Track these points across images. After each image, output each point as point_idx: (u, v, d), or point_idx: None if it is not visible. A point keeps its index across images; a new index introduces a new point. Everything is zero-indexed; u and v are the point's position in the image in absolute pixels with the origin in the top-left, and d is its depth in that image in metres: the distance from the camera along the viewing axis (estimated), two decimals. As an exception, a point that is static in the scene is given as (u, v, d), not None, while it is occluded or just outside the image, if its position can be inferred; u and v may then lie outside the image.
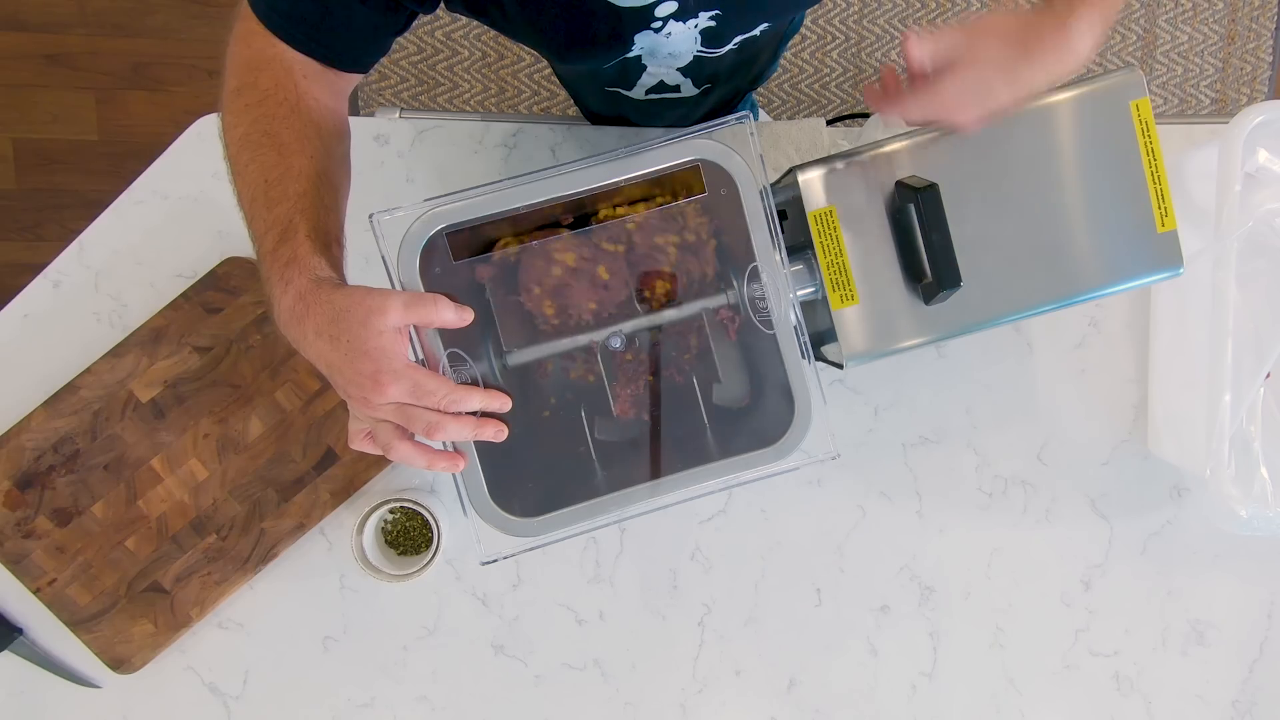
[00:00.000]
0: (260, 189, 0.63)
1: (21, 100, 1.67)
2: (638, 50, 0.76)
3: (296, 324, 0.60)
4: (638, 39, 0.74)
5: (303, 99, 0.66)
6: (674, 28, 0.73)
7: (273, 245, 0.61)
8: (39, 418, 0.90)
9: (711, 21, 0.73)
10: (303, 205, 0.62)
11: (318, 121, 0.67)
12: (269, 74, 0.66)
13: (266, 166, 0.63)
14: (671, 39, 0.75)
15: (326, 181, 0.65)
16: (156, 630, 0.91)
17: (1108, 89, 0.72)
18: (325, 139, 0.67)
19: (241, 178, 0.64)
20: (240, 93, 0.66)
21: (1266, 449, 0.85)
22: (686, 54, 0.79)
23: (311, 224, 0.62)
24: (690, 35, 0.75)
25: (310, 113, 0.66)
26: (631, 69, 0.81)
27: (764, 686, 0.96)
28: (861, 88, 0.72)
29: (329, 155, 0.67)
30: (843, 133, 0.98)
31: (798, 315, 0.69)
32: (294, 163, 0.63)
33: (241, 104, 0.65)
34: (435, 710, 0.94)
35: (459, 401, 0.61)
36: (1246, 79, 1.77)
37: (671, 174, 0.69)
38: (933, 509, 0.96)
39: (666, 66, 0.81)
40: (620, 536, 0.95)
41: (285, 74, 0.66)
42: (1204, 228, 0.84)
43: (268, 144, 0.64)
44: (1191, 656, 0.97)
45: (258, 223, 0.63)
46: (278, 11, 0.66)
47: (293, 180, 0.63)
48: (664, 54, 0.78)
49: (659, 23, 0.72)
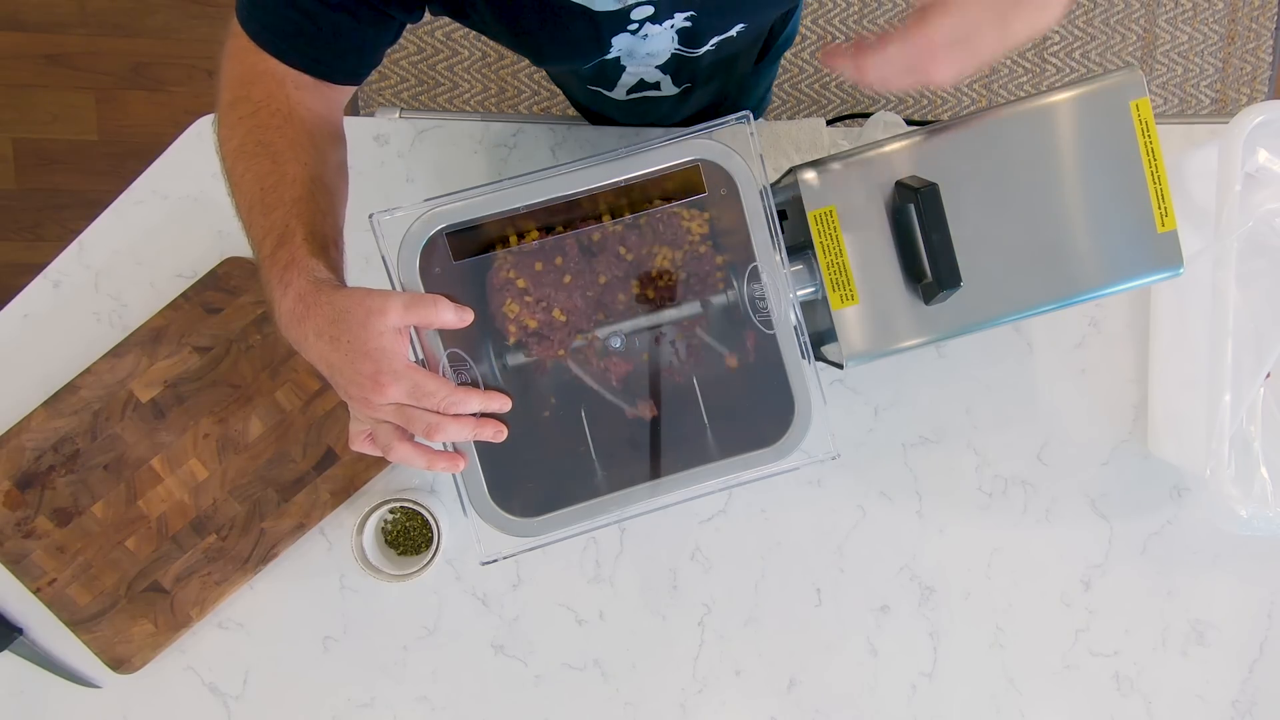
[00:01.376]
0: (256, 196, 0.64)
1: (21, 100, 1.68)
2: (616, 52, 0.76)
3: (297, 325, 0.60)
4: (615, 41, 0.74)
5: (295, 109, 0.67)
6: (650, 29, 0.73)
7: (270, 250, 0.62)
8: (39, 418, 0.90)
9: (687, 22, 0.73)
10: (298, 210, 0.63)
11: (311, 130, 0.67)
12: (261, 87, 0.67)
13: (261, 174, 0.64)
14: (649, 40, 0.75)
15: (321, 186, 0.65)
16: (156, 630, 0.91)
17: (1108, 89, 0.72)
18: (319, 146, 0.67)
19: (238, 188, 0.65)
20: (234, 106, 0.67)
21: (1266, 449, 0.85)
22: (664, 53, 0.79)
23: (308, 228, 0.62)
24: (667, 35, 0.75)
25: (303, 121, 0.67)
26: (610, 69, 0.82)
27: (764, 686, 0.96)
28: (819, 53, 0.68)
29: (323, 161, 0.67)
30: (843, 133, 0.98)
31: (798, 315, 0.69)
32: (288, 170, 0.64)
33: (235, 116, 0.66)
34: (435, 710, 0.94)
35: (458, 403, 0.61)
36: (1246, 79, 1.77)
37: (671, 174, 0.69)
38: (933, 509, 0.96)
39: (645, 65, 0.82)
40: (620, 536, 0.95)
41: (277, 86, 0.67)
42: (1204, 228, 0.84)
43: (262, 153, 0.65)
44: (1191, 656, 0.97)
45: (255, 229, 0.63)
46: (267, 28, 0.66)
47: (287, 186, 0.63)
48: (642, 54, 0.78)
49: (635, 25, 0.72)
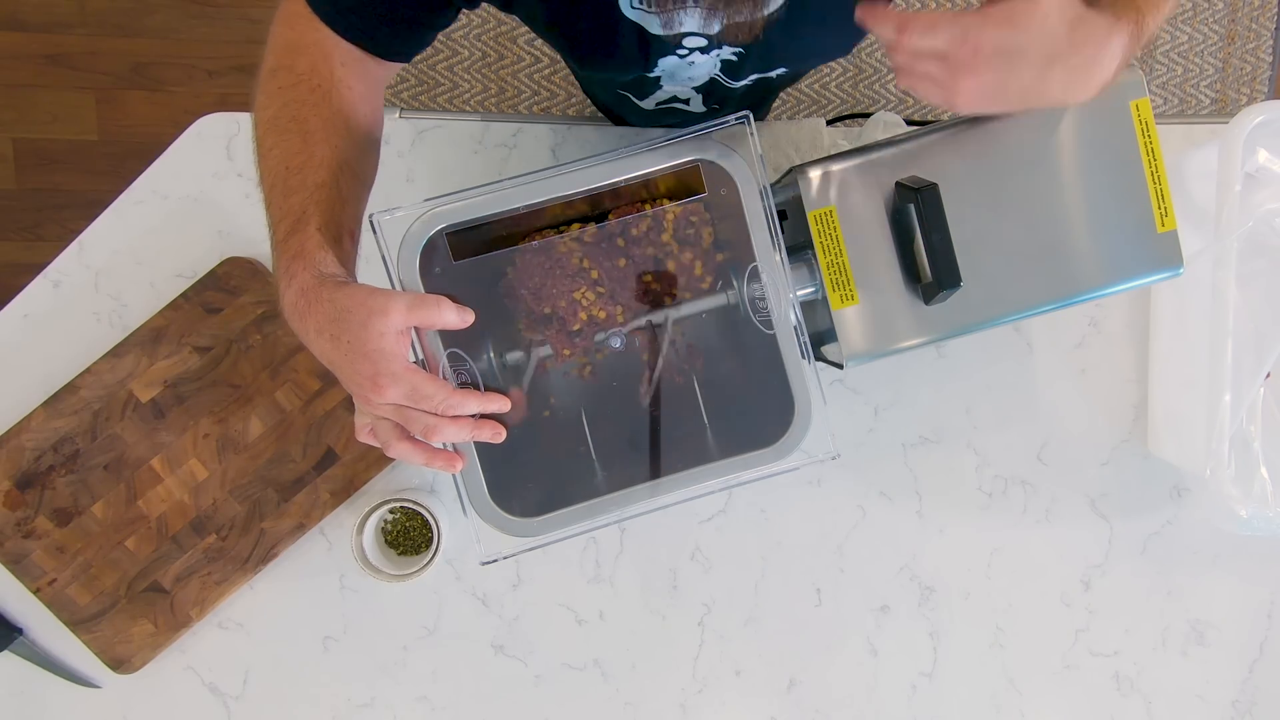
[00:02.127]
0: (280, 175, 0.63)
1: (21, 100, 1.67)
2: (659, 71, 0.77)
3: (299, 319, 0.60)
4: (661, 62, 0.74)
5: (336, 86, 0.66)
6: (697, 58, 0.74)
7: (284, 235, 0.61)
8: (39, 418, 0.90)
9: (733, 56, 0.74)
10: (318, 196, 0.62)
11: (347, 112, 0.66)
12: (307, 58, 0.65)
13: (290, 153, 0.63)
14: (693, 66, 0.76)
15: (348, 172, 0.64)
16: (156, 630, 0.91)
17: (1108, 89, 0.72)
18: (352, 129, 0.66)
19: (265, 161, 0.64)
20: (275, 74, 0.65)
21: (1266, 449, 0.85)
22: (704, 78, 0.80)
23: (325, 216, 0.62)
24: (711, 63, 0.76)
25: (341, 101, 0.66)
26: (648, 84, 0.82)
27: (764, 686, 0.96)
28: (859, 7, 0.65)
29: (354, 145, 0.66)
30: (843, 133, 0.98)
31: (798, 315, 0.69)
32: (316, 151, 0.63)
33: (275, 85, 0.65)
34: (435, 710, 0.94)
35: (456, 406, 0.61)
36: (1246, 79, 1.77)
37: (672, 174, 0.69)
38: (933, 509, 0.96)
39: (683, 85, 0.82)
40: (620, 536, 0.95)
41: (323, 59, 0.66)
42: (1204, 228, 0.84)
43: (294, 129, 0.64)
44: (1191, 656, 0.97)
45: (274, 209, 0.63)
46: (340, 4, 0.65)
47: (313, 169, 0.62)
48: (683, 77, 0.79)
49: (685, 51, 0.72)
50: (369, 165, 0.69)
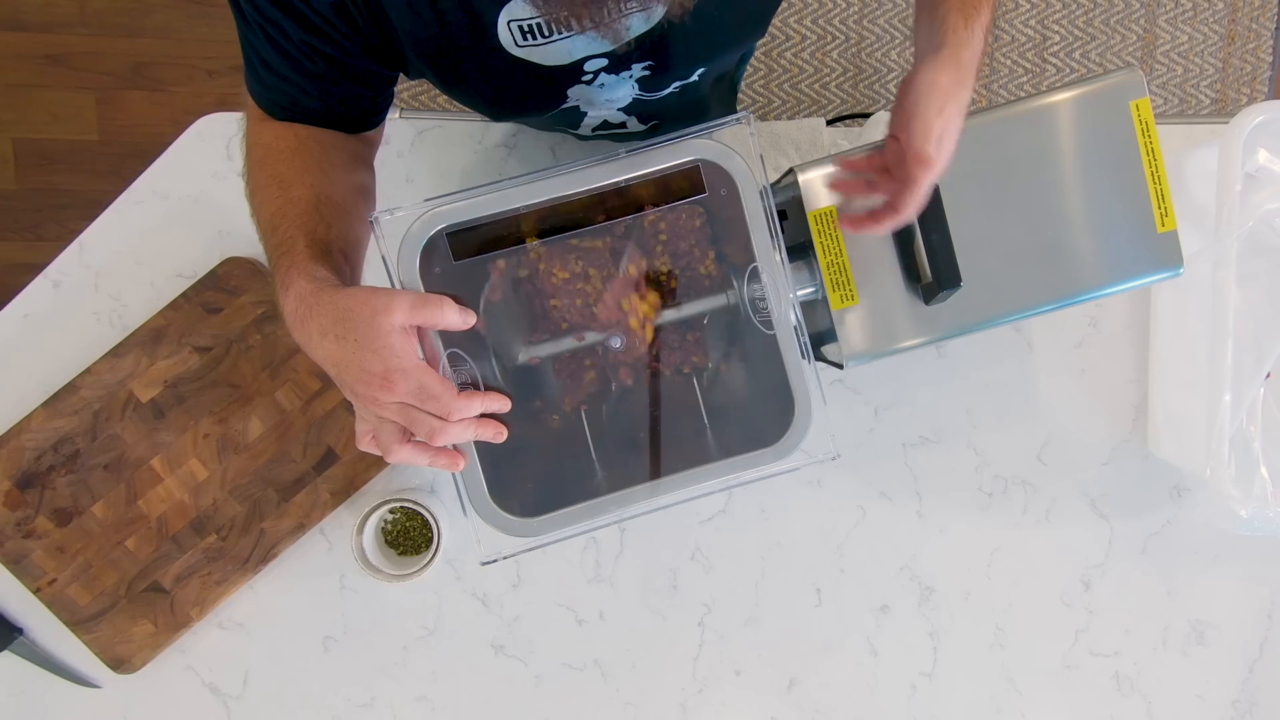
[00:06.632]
0: (268, 222, 0.67)
1: (21, 100, 1.67)
2: (574, 101, 0.76)
3: (300, 325, 0.61)
4: (570, 92, 0.74)
5: (304, 142, 0.70)
6: (606, 79, 0.73)
7: (276, 259, 0.64)
8: (39, 418, 0.90)
9: (646, 71, 0.73)
10: (300, 222, 0.65)
11: (319, 157, 0.70)
12: (271, 130, 0.71)
13: (270, 201, 0.67)
14: (605, 89, 0.74)
15: (327, 202, 0.67)
16: (156, 630, 0.91)
17: (1108, 89, 0.72)
18: (327, 170, 0.70)
19: (257, 219, 0.69)
20: (250, 152, 0.71)
21: (1266, 449, 0.85)
22: (625, 98, 0.78)
23: (309, 236, 0.64)
24: (626, 84, 0.75)
25: (311, 152, 0.70)
26: (571, 115, 0.81)
27: (764, 686, 0.96)
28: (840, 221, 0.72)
29: (333, 182, 0.69)
30: (843, 133, 0.98)
31: (798, 315, 0.69)
32: (294, 192, 0.67)
33: (252, 161, 0.71)
34: (435, 710, 0.94)
35: (461, 409, 0.61)
36: (1246, 79, 1.77)
37: (671, 174, 0.69)
38: (933, 509, 0.96)
39: (606, 109, 0.81)
40: (620, 536, 0.95)
41: (286, 127, 0.71)
42: (1204, 228, 0.84)
43: (272, 184, 0.68)
44: (1191, 656, 0.97)
45: (269, 249, 0.66)
46: (270, 101, 0.70)
47: (292, 206, 0.66)
48: (601, 101, 0.77)
49: (589, 75, 0.71)
50: (352, 198, 0.71)
